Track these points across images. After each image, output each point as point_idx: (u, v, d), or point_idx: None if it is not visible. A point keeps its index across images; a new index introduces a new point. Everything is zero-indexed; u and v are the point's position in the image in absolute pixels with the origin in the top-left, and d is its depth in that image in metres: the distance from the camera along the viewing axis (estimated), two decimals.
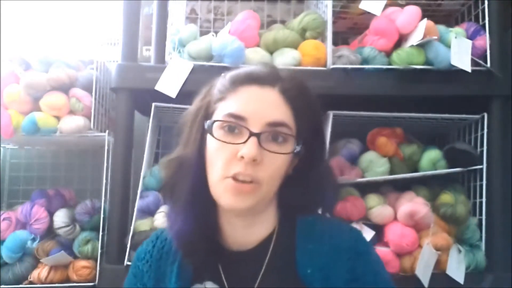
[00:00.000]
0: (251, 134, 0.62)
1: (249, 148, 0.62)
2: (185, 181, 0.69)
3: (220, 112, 0.66)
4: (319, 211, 0.76)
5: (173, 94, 1.14)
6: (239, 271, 0.69)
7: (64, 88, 1.25)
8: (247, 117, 0.64)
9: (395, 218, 1.17)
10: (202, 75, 1.14)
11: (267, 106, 0.65)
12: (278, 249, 0.69)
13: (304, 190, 0.70)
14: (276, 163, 0.65)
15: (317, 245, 0.67)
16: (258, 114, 0.64)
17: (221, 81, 0.70)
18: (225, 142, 0.64)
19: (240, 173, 0.62)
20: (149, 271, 0.73)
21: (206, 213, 0.70)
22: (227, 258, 0.70)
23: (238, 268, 0.69)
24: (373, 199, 1.18)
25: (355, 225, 1.12)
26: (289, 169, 0.69)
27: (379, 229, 1.16)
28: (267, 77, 0.68)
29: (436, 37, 1.16)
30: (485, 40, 1.20)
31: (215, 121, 0.66)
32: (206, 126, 0.66)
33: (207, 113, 0.69)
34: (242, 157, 0.62)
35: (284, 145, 0.65)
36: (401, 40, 1.22)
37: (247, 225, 0.70)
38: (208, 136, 0.66)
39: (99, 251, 1.20)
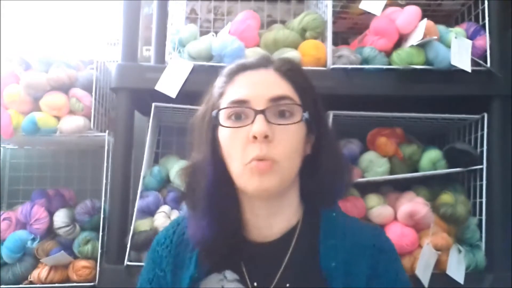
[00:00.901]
0: (257, 112, 0.64)
1: (258, 125, 0.63)
2: (204, 184, 0.69)
3: (224, 104, 0.68)
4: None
5: (173, 94, 1.14)
6: (261, 262, 0.69)
7: (64, 88, 1.25)
8: (248, 99, 0.65)
9: (395, 218, 1.17)
10: (202, 75, 1.14)
11: (266, 84, 0.67)
12: (301, 242, 0.70)
13: (324, 168, 0.70)
14: (289, 137, 0.65)
15: (340, 241, 0.68)
16: (259, 93, 0.65)
17: (219, 79, 0.72)
18: (234, 127, 0.65)
19: (258, 156, 0.63)
20: (168, 256, 0.73)
21: (229, 212, 0.70)
22: (249, 249, 0.70)
23: (260, 259, 0.69)
24: (373, 199, 1.18)
25: None
26: (306, 148, 0.70)
27: None
28: (260, 62, 0.70)
29: (436, 37, 1.16)
30: (485, 40, 1.20)
31: (219, 110, 0.67)
32: (213, 120, 0.68)
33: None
34: (255, 137, 0.62)
35: (292, 118, 0.66)
36: (401, 40, 1.22)
37: (270, 214, 0.70)
38: (220, 132, 0.68)
39: (99, 251, 1.20)
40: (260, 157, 0.63)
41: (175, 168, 1.21)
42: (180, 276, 0.70)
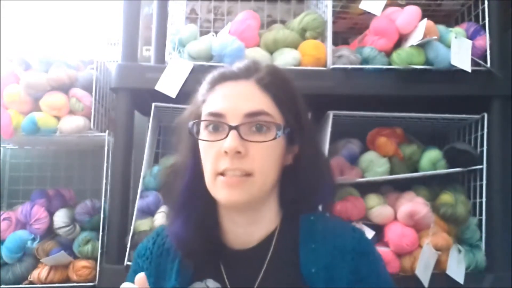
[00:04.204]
0: (230, 128, 0.64)
1: (229, 141, 0.63)
2: (181, 186, 0.70)
3: (203, 113, 0.69)
4: (320, 209, 0.77)
5: (173, 94, 1.14)
6: (241, 269, 0.69)
7: (64, 88, 1.25)
8: (224, 112, 0.65)
9: (395, 218, 1.17)
10: (202, 75, 1.12)
11: (243, 98, 0.66)
12: (280, 247, 0.69)
13: (304, 180, 0.70)
14: (264, 152, 0.65)
15: (320, 245, 0.68)
16: (235, 108, 0.65)
17: (202, 85, 0.72)
18: (208, 140, 0.66)
19: (228, 168, 0.63)
20: (149, 268, 0.73)
21: (206, 215, 0.71)
22: (229, 256, 0.70)
23: (240, 267, 0.69)
24: (373, 199, 1.18)
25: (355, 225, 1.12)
26: (287, 158, 0.70)
27: (379, 229, 1.16)
28: (241, 72, 0.69)
29: (436, 37, 1.16)
30: (485, 40, 1.20)
31: (195, 122, 0.68)
32: (190, 130, 0.68)
33: (196, 119, 0.70)
34: (226, 152, 0.63)
35: (268, 134, 0.65)
36: (401, 40, 1.22)
37: (250, 223, 0.70)
38: (199, 140, 0.68)
39: (99, 251, 1.20)
40: (230, 169, 0.63)
41: None
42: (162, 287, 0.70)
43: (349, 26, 1.46)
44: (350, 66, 1.17)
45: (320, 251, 0.67)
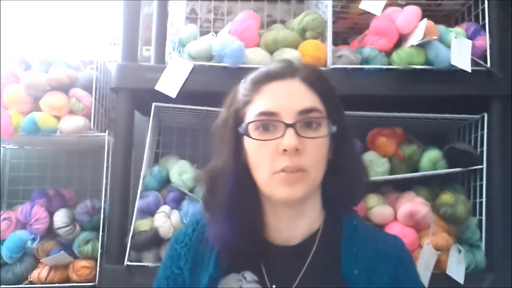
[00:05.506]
0: (287, 126, 0.64)
1: (289, 139, 0.64)
2: (226, 189, 0.70)
3: (251, 114, 0.68)
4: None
5: (173, 94, 1.14)
6: (281, 265, 0.70)
7: (64, 88, 1.25)
8: (278, 111, 0.66)
9: (395, 218, 1.17)
10: (202, 75, 1.14)
11: (293, 96, 0.67)
12: (323, 247, 0.70)
13: (346, 174, 0.71)
14: (317, 148, 0.66)
15: (362, 249, 0.69)
16: (288, 106, 0.66)
17: (243, 86, 0.72)
18: (264, 140, 0.66)
19: (287, 166, 0.64)
20: (187, 254, 0.73)
21: (251, 214, 0.71)
22: (270, 251, 0.71)
23: (280, 262, 0.70)
24: (373, 199, 1.18)
25: None
26: (329, 153, 0.71)
27: None
28: (285, 71, 0.70)
29: (436, 37, 1.16)
30: (485, 40, 1.20)
31: (249, 123, 0.67)
32: (242, 131, 0.68)
33: (237, 120, 0.70)
34: (285, 149, 0.63)
35: (319, 130, 0.67)
36: (401, 40, 1.22)
37: (293, 216, 0.71)
38: (246, 140, 0.68)
39: (99, 251, 1.20)
40: (291, 168, 0.64)
41: (175, 168, 1.21)
42: (199, 275, 0.71)
43: (349, 26, 1.46)
44: (350, 66, 1.17)
45: (362, 254, 0.68)
